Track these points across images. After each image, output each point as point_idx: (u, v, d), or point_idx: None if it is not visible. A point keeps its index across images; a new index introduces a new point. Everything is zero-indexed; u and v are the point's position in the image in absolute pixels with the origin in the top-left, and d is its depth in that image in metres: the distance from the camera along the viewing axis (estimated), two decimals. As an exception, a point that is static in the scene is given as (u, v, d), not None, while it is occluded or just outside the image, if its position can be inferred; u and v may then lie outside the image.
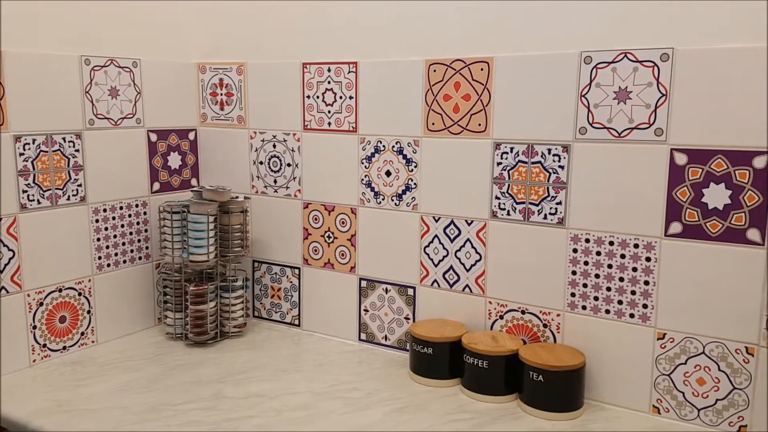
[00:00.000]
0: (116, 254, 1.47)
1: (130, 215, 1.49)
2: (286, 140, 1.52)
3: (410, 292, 1.41)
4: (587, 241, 1.19)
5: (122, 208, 1.48)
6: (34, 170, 1.30)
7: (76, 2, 1.36)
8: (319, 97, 1.46)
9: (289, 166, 1.53)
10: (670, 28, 1.08)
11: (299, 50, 1.48)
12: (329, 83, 1.44)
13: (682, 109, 1.08)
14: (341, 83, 1.42)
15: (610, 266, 1.18)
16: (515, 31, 1.22)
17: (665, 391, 1.15)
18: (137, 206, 1.51)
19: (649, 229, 1.13)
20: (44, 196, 1.32)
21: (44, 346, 1.34)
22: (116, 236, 1.47)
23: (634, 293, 1.16)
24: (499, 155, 1.26)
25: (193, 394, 1.22)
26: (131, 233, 1.50)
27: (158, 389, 1.23)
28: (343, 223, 1.47)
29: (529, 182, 1.24)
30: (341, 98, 1.43)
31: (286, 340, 1.51)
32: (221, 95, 1.60)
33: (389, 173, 1.40)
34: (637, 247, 1.15)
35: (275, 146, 1.54)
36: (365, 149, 1.42)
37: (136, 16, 1.48)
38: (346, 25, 1.41)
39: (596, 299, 1.20)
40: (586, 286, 1.20)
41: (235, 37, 1.57)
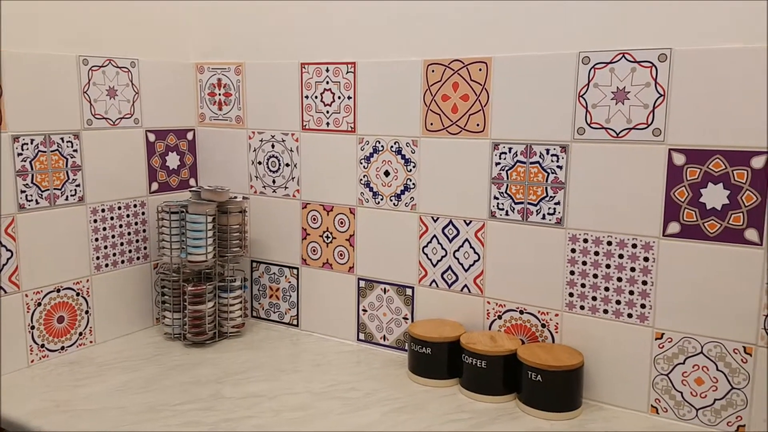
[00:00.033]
0: (114, 254, 1.47)
1: (128, 215, 1.49)
2: (284, 140, 1.52)
3: (409, 292, 1.41)
4: (585, 241, 1.19)
5: (120, 208, 1.47)
6: (32, 170, 1.30)
7: (74, 2, 1.36)
8: (317, 97, 1.46)
9: (287, 166, 1.53)
10: (667, 28, 1.08)
11: (298, 50, 1.48)
12: (328, 83, 1.44)
13: (680, 109, 1.08)
14: (340, 83, 1.42)
15: (608, 266, 1.18)
16: (513, 31, 1.22)
17: (663, 390, 1.15)
18: (135, 206, 1.51)
19: (647, 229, 1.13)
20: (42, 196, 1.32)
21: (42, 346, 1.34)
22: (114, 236, 1.47)
23: (632, 293, 1.16)
24: (497, 155, 1.26)
25: (191, 394, 1.22)
26: (129, 233, 1.50)
27: (156, 389, 1.23)
28: (341, 223, 1.47)
29: (527, 182, 1.24)
30: (340, 98, 1.43)
31: (284, 340, 1.51)
32: (219, 95, 1.60)
33: (388, 173, 1.40)
34: (635, 247, 1.15)
35: (274, 146, 1.54)
36: (364, 149, 1.42)
37: (134, 16, 1.48)
38: (344, 25, 1.41)
39: (594, 299, 1.20)
40: (584, 286, 1.20)
41: (233, 37, 1.56)
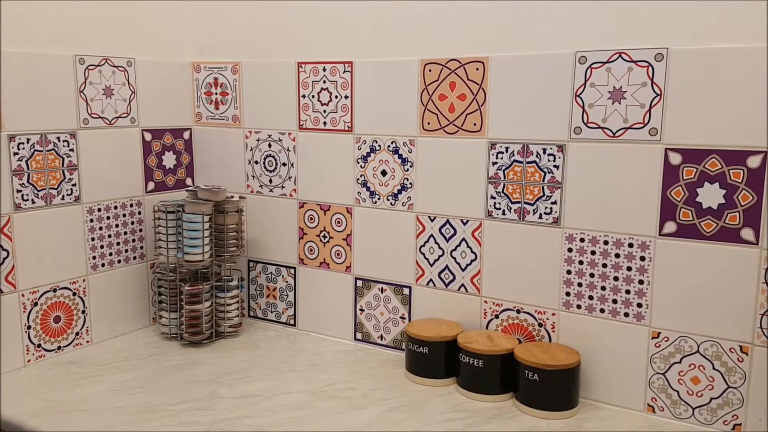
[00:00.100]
0: (111, 254, 1.47)
1: (124, 215, 1.49)
2: (281, 140, 1.52)
3: (406, 291, 1.41)
4: (582, 240, 1.19)
5: (117, 207, 1.47)
6: (28, 170, 1.30)
7: (70, 1, 1.35)
8: (314, 96, 1.46)
9: (284, 165, 1.52)
10: (664, 28, 1.08)
11: (294, 49, 1.47)
12: (324, 83, 1.44)
13: (676, 108, 1.09)
14: (336, 83, 1.42)
15: (604, 266, 1.18)
16: (510, 31, 1.22)
17: (660, 389, 1.15)
18: (132, 206, 1.51)
19: (643, 228, 1.14)
20: (39, 195, 1.32)
21: (39, 346, 1.34)
22: (111, 236, 1.46)
23: (628, 292, 1.16)
24: (494, 155, 1.26)
25: (188, 394, 1.21)
26: (126, 233, 1.50)
27: (153, 389, 1.23)
28: (338, 222, 1.47)
29: (524, 182, 1.24)
30: (337, 98, 1.43)
31: (281, 339, 1.51)
32: (216, 94, 1.60)
33: (385, 173, 1.40)
34: (631, 246, 1.15)
35: (270, 146, 1.54)
36: (361, 149, 1.42)
37: (130, 15, 1.47)
38: (341, 24, 1.41)
39: (591, 298, 1.20)
40: (581, 285, 1.21)
41: (229, 36, 1.56)
